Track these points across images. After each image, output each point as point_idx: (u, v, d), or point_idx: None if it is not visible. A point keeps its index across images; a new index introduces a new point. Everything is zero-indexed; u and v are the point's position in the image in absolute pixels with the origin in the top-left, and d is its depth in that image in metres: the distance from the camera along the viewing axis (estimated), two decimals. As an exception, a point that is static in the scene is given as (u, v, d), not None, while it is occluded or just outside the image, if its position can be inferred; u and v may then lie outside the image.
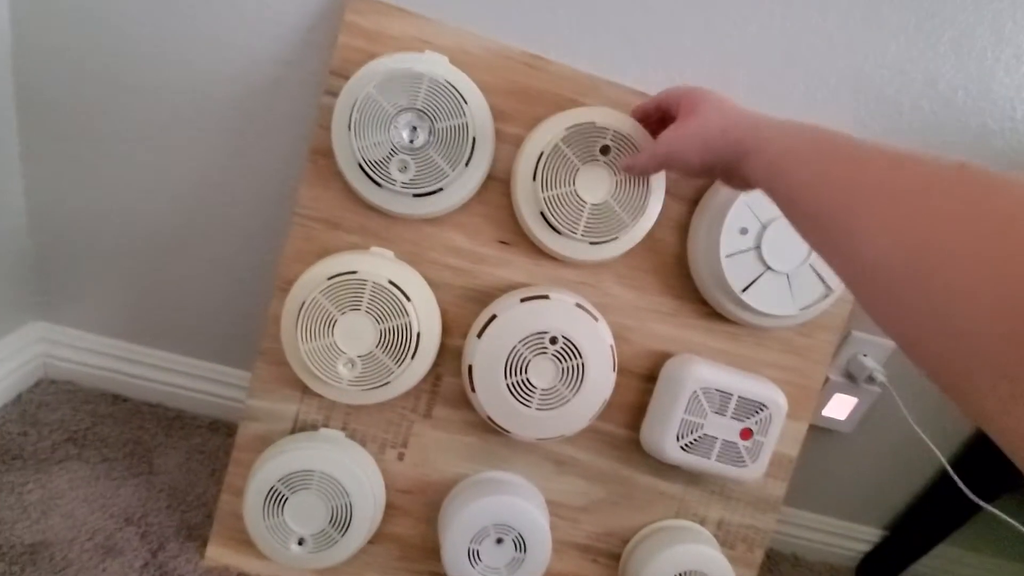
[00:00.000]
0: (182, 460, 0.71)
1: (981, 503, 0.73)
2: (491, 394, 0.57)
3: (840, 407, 0.80)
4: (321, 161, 0.58)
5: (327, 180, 0.58)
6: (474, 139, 0.55)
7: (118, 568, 0.58)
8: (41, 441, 0.68)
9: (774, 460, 0.66)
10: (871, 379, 0.75)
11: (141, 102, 0.63)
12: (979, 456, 0.83)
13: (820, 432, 0.83)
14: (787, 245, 0.59)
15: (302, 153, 0.65)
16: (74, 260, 0.72)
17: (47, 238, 0.70)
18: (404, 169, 0.55)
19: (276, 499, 0.56)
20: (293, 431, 0.61)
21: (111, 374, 0.76)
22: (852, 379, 0.78)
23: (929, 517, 0.88)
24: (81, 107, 0.64)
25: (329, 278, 0.54)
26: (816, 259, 0.60)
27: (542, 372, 0.57)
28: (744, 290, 0.59)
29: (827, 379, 0.78)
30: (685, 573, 0.61)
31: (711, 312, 0.64)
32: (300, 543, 0.57)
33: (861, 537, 0.94)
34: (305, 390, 0.60)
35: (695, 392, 0.59)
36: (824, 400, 0.79)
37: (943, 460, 0.73)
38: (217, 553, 0.62)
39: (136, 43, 0.61)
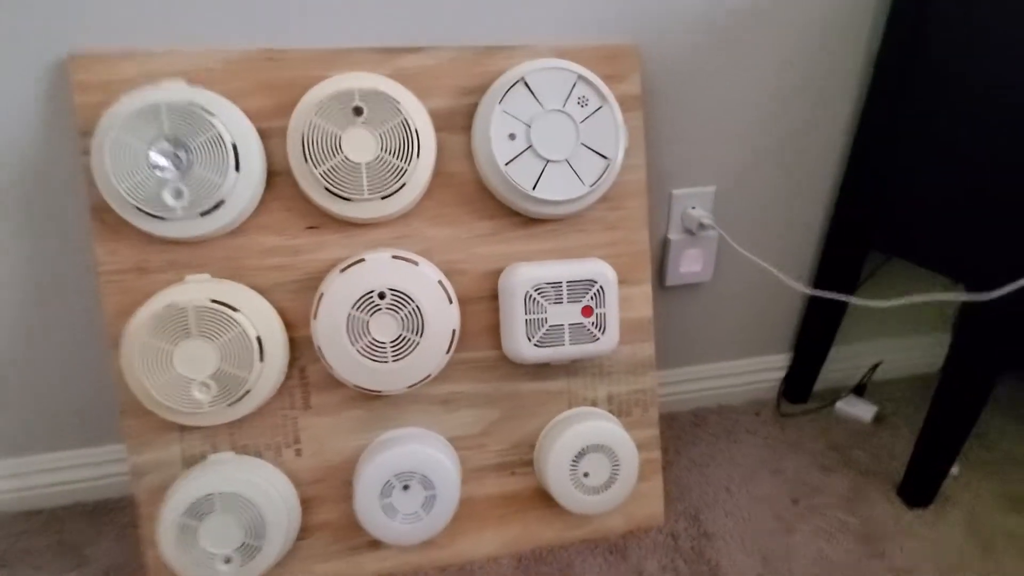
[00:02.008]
0: (113, 542, 0.73)
1: (848, 299, 0.79)
2: (347, 364, 0.61)
3: (693, 261, 0.87)
4: (105, 216, 0.59)
5: (117, 231, 0.60)
6: (234, 145, 0.58)
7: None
8: (-34, 578, 0.69)
9: (633, 325, 0.72)
10: (703, 226, 0.82)
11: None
12: (829, 259, 0.91)
13: (690, 289, 0.90)
14: (555, 135, 0.64)
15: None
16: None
17: None
18: (179, 195, 0.57)
19: (187, 532, 0.59)
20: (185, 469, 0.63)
21: (8, 495, 0.76)
22: (691, 233, 0.84)
23: (816, 323, 0.97)
24: None
25: (151, 318, 0.57)
26: (587, 137, 0.64)
27: (384, 327, 0.61)
28: (534, 188, 0.64)
29: (669, 240, 0.84)
30: (586, 448, 0.67)
31: (525, 220, 0.69)
32: (227, 562, 0.60)
33: (774, 365, 1.03)
34: (182, 428, 0.62)
35: (528, 293, 0.64)
36: (677, 260, 0.86)
37: (794, 283, 0.80)
38: (166, 606, 0.65)
39: None
